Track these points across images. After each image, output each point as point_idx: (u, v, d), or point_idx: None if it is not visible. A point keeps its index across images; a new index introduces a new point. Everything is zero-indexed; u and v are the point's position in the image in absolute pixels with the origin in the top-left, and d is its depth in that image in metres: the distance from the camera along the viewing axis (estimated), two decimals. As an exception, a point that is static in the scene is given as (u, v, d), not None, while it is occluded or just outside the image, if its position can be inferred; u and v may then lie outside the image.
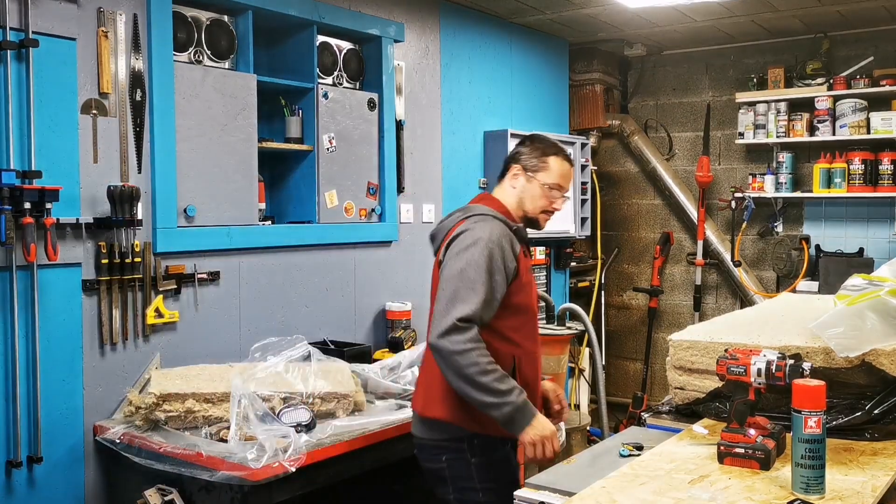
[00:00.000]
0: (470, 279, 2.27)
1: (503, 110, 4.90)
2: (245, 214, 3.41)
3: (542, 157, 2.54)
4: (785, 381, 1.96)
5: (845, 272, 3.94)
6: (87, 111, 2.89)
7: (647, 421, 2.57)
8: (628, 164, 5.98)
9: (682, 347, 2.45)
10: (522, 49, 5.03)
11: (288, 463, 2.51)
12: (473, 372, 2.19)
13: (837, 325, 2.18)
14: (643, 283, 5.96)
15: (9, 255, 2.67)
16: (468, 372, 2.19)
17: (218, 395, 2.80)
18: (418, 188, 4.32)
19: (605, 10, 4.63)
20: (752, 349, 2.09)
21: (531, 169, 2.54)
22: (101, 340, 2.95)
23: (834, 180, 4.89)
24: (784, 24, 4.97)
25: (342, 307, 3.89)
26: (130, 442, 2.75)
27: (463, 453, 2.41)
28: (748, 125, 5.20)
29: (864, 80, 4.81)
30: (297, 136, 3.71)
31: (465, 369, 2.19)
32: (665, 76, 5.87)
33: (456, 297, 2.25)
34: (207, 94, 3.26)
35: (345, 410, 2.95)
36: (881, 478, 1.88)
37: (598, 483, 1.91)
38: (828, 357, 2.19)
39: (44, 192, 2.66)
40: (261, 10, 3.42)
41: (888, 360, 2.13)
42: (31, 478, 2.77)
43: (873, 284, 2.35)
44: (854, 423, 2.16)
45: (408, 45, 4.22)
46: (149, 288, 3.06)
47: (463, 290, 2.25)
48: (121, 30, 2.98)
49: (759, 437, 1.98)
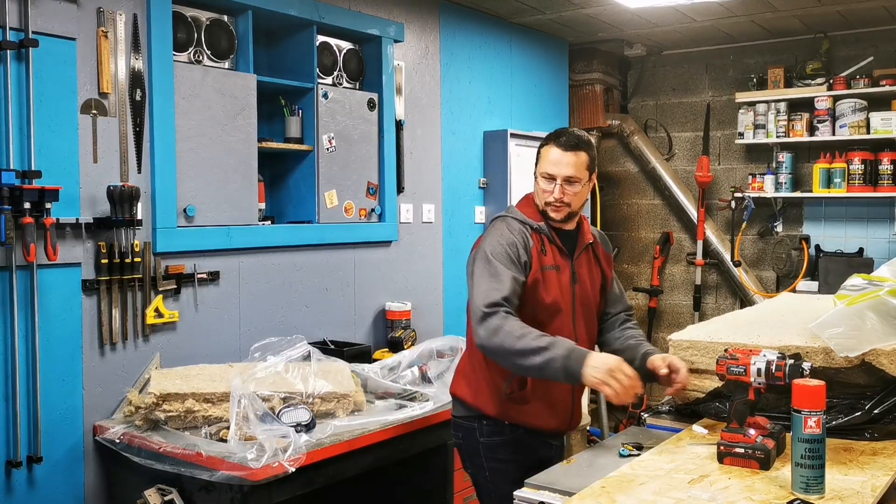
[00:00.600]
0: (481, 270, 2.35)
1: (503, 110, 4.90)
2: (245, 214, 3.41)
3: (539, 150, 2.51)
4: (785, 381, 1.96)
5: (845, 272, 3.95)
6: (86, 111, 2.89)
7: (647, 421, 2.57)
8: (628, 164, 5.98)
9: (682, 347, 2.45)
10: (522, 49, 5.03)
11: (288, 463, 2.51)
12: (510, 342, 2.21)
13: (837, 325, 2.18)
14: (643, 282, 5.97)
15: (9, 255, 2.67)
16: (507, 345, 2.21)
17: (218, 395, 2.80)
18: (418, 188, 4.32)
19: (605, 10, 4.63)
20: (751, 349, 2.10)
21: (536, 164, 2.52)
22: (100, 340, 2.95)
23: (834, 180, 4.89)
24: (784, 24, 4.97)
25: (342, 307, 3.89)
26: (130, 442, 2.75)
27: (473, 432, 2.54)
28: (748, 125, 5.20)
29: (864, 80, 4.81)
30: (297, 136, 3.71)
31: (504, 345, 2.22)
32: (665, 76, 5.87)
33: (476, 290, 2.33)
34: (207, 94, 3.26)
35: (345, 410, 2.95)
36: (881, 478, 1.88)
37: (598, 483, 1.91)
38: (828, 357, 2.19)
39: (43, 192, 2.66)
40: (261, 9, 3.42)
41: (888, 360, 2.13)
42: (31, 478, 2.77)
43: (873, 284, 2.35)
44: (854, 423, 2.16)
45: (408, 45, 4.22)
46: (148, 288, 3.06)
47: (479, 282, 2.33)
48: (120, 30, 2.98)
49: (759, 437, 1.98)
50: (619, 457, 2.24)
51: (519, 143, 4.81)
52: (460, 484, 3.29)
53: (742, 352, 2.07)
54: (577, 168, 2.42)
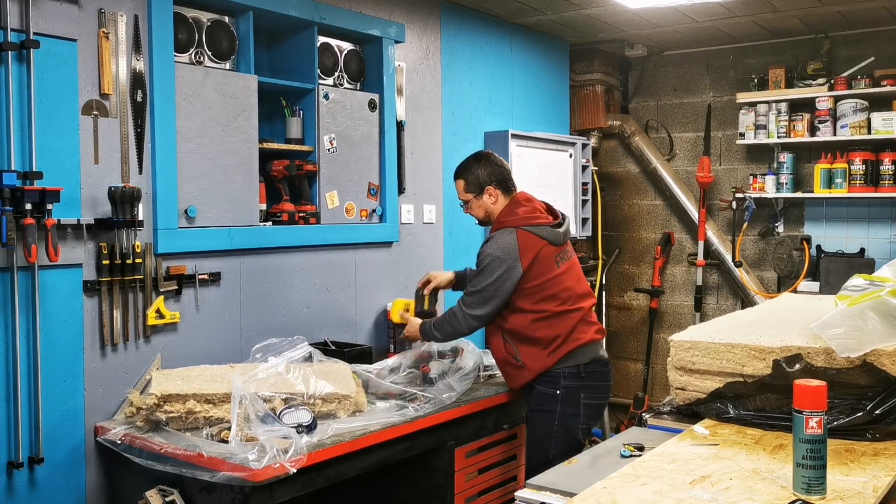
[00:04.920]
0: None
1: (504, 111, 4.90)
2: (246, 215, 3.42)
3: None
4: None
5: (846, 273, 3.95)
6: (88, 112, 2.89)
7: (649, 421, 2.57)
8: (629, 165, 5.98)
9: (683, 348, 2.45)
10: (523, 50, 5.03)
11: (289, 464, 2.51)
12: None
13: (839, 325, 2.18)
14: (644, 283, 5.96)
15: (10, 255, 2.67)
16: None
17: (219, 396, 2.80)
18: (419, 189, 4.32)
19: (606, 10, 4.63)
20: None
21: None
22: (102, 341, 2.95)
23: (835, 181, 4.89)
24: (785, 24, 4.97)
25: (343, 308, 3.89)
26: (131, 443, 2.75)
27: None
28: (749, 125, 5.20)
29: (865, 80, 4.80)
30: (298, 137, 3.71)
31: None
32: (666, 76, 5.87)
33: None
34: (208, 95, 3.26)
35: (346, 411, 2.95)
36: (882, 478, 1.88)
37: (600, 484, 1.91)
38: (829, 357, 2.19)
39: (45, 193, 2.66)
40: (261, 10, 3.42)
41: (889, 361, 2.13)
42: (33, 479, 2.78)
43: (874, 285, 2.35)
44: (855, 424, 2.16)
45: (408, 45, 4.22)
46: (150, 289, 3.06)
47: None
48: (122, 31, 2.98)
49: None
50: (621, 457, 2.24)
51: (520, 144, 4.82)
52: (462, 485, 3.29)
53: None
54: (461, 193, 3.32)
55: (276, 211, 3.60)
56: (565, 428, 3.14)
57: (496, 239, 3.18)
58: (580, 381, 3.15)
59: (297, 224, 3.62)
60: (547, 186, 4.98)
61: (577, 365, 3.15)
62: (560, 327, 3.14)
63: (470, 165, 3.29)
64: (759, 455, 2.07)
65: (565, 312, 3.16)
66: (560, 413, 3.14)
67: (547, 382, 3.16)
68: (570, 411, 3.15)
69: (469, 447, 3.34)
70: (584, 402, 3.16)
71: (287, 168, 3.57)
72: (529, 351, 3.16)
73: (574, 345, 3.15)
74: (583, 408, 3.17)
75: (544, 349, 3.14)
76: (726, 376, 2.37)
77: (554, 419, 3.14)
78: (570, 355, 3.14)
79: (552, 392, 3.14)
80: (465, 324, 3.21)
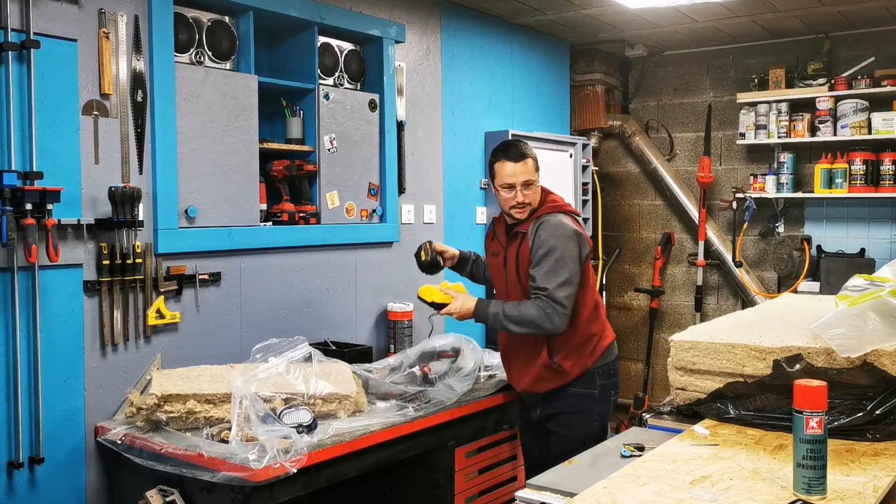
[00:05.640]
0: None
1: (504, 111, 4.90)
2: (246, 215, 3.42)
3: (491, 166, 3.09)
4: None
5: (847, 273, 3.95)
6: (88, 112, 2.89)
7: (649, 421, 2.57)
8: (629, 165, 5.98)
9: (684, 348, 2.45)
10: (523, 50, 5.03)
11: (289, 464, 2.51)
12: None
13: (839, 325, 2.18)
14: (644, 283, 5.96)
15: (10, 256, 2.68)
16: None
17: (219, 396, 2.80)
18: (419, 189, 4.32)
19: (606, 10, 4.63)
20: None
21: (491, 178, 3.11)
22: (102, 341, 2.95)
23: (835, 181, 4.89)
24: (785, 24, 4.97)
25: (343, 308, 3.89)
26: (132, 443, 2.75)
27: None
28: (749, 125, 5.20)
29: (866, 80, 4.80)
30: (299, 137, 3.71)
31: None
32: (666, 77, 5.87)
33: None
34: (208, 95, 3.27)
35: (346, 411, 2.95)
36: (883, 478, 1.88)
37: (600, 484, 1.91)
38: (829, 357, 2.19)
39: (45, 193, 2.66)
40: (262, 10, 3.42)
41: (889, 361, 2.13)
42: (33, 479, 2.78)
43: (875, 285, 2.35)
44: (855, 424, 2.16)
45: (409, 45, 4.22)
46: (150, 289, 3.06)
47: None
48: (122, 31, 2.98)
49: None
50: (621, 457, 2.24)
51: (520, 144, 4.81)
52: (462, 485, 3.29)
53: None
54: (530, 172, 3.03)
55: (277, 211, 3.60)
56: (601, 427, 3.08)
57: (561, 224, 2.99)
58: (611, 379, 3.11)
59: (297, 224, 3.62)
60: (547, 186, 4.97)
61: (607, 363, 3.09)
62: (599, 323, 3.09)
63: (524, 145, 3.08)
64: (760, 455, 2.07)
65: (599, 305, 3.12)
66: (598, 413, 3.07)
67: (583, 384, 3.05)
68: (604, 410, 3.09)
69: (469, 447, 3.34)
70: (612, 399, 3.13)
71: (287, 168, 3.57)
72: (573, 353, 3.02)
73: (606, 342, 3.10)
74: (612, 405, 3.13)
75: (587, 348, 3.04)
76: (727, 376, 2.37)
77: (594, 420, 3.06)
78: (604, 353, 3.08)
79: (590, 393, 3.05)
80: (559, 322, 2.88)
